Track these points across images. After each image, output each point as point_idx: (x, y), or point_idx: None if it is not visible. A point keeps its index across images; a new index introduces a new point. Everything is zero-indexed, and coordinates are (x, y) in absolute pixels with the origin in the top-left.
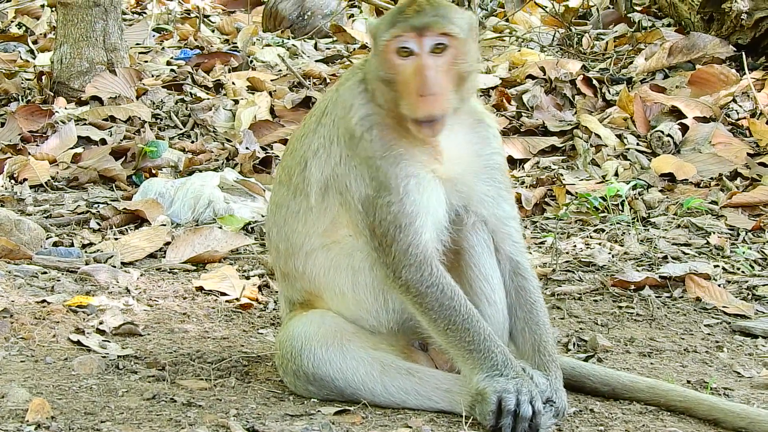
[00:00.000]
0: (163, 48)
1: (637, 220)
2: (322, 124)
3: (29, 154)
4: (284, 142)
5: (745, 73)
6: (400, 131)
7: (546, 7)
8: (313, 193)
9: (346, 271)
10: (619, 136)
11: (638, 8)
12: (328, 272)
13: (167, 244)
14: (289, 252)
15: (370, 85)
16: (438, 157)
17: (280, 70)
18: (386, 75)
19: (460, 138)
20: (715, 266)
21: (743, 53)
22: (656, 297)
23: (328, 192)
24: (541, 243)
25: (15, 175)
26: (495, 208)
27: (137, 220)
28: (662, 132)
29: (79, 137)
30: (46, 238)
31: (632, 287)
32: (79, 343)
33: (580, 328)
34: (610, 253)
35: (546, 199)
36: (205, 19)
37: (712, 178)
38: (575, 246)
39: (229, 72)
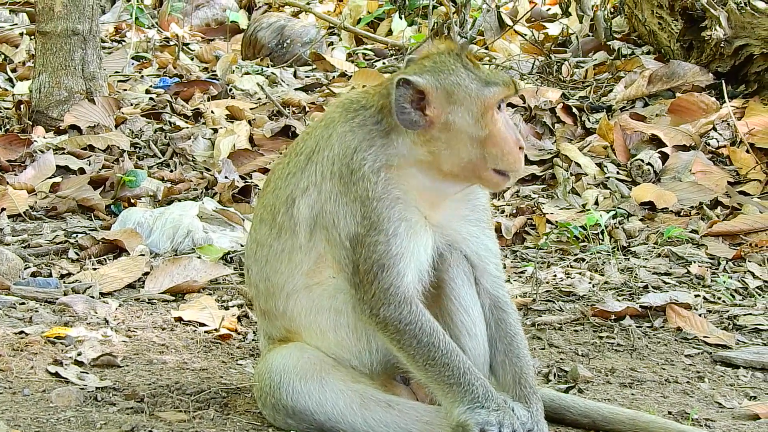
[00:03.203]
0: (142, 76)
1: (618, 250)
2: (313, 161)
3: (7, 183)
4: (264, 171)
5: (725, 101)
6: (410, 178)
7: (525, 35)
8: (302, 231)
9: (329, 312)
10: (599, 165)
11: (618, 36)
12: (309, 313)
13: (146, 274)
14: (270, 291)
15: (401, 135)
16: (436, 204)
17: (260, 99)
18: (481, 131)
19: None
20: (696, 296)
21: (723, 81)
22: (637, 327)
23: (315, 229)
24: (522, 272)
25: None
26: (478, 246)
27: (116, 250)
28: (642, 160)
29: (57, 166)
30: (24, 269)
31: (613, 317)
32: (57, 374)
33: (561, 359)
34: (590, 283)
35: (526, 228)
36: (184, 47)
37: (692, 207)
38: (555, 275)
39: (209, 100)
